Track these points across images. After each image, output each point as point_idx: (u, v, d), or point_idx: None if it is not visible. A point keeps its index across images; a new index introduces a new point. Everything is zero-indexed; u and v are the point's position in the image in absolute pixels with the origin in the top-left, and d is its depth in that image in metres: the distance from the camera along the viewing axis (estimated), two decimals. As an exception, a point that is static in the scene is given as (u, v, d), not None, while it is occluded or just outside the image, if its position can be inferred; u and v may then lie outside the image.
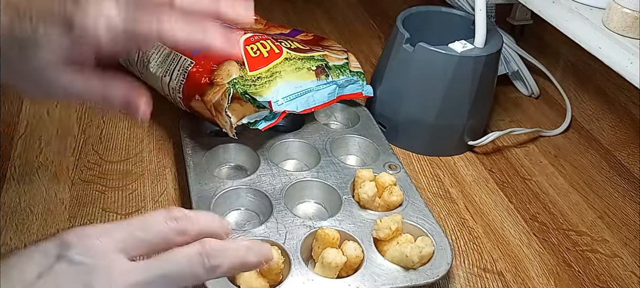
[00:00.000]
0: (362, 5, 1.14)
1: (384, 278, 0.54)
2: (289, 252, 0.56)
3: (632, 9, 0.59)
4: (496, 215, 0.69)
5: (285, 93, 0.68)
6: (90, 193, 0.66)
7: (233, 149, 0.70)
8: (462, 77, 0.72)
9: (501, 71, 0.88)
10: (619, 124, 0.86)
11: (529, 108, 0.89)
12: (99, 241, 0.38)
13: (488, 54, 0.73)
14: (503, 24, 0.95)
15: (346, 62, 0.77)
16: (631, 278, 0.63)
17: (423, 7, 0.81)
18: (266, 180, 0.65)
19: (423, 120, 0.75)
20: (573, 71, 0.94)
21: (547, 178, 0.76)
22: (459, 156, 0.78)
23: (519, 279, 0.61)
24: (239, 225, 0.62)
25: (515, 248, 0.65)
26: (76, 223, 0.62)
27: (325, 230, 0.56)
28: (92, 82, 0.44)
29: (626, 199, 0.73)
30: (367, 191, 0.62)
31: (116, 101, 0.45)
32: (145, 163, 0.71)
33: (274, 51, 0.71)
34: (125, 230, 0.40)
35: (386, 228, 0.58)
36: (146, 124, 0.77)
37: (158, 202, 0.66)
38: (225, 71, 0.67)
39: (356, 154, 0.73)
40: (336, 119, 0.79)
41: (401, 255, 0.55)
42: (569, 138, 0.84)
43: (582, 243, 0.66)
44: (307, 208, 0.65)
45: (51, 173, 0.68)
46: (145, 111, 0.45)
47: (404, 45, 0.74)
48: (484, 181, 0.74)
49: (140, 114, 0.45)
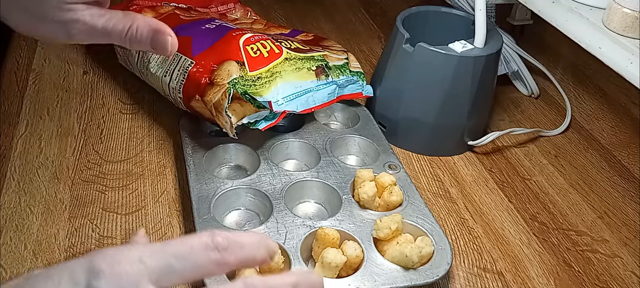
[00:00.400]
0: (362, 5, 1.14)
1: (383, 278, 0.54)
2: (289, 251, 0.56)
3: (632, 9, 0.59)
4: (496, 215, 0.69)
5: (285, 93, 0.68)
6: (90, 193, 0.66)
7: (233, 149, 0.70)
8: (462, 77, 0.72)
9: (501, 71, 0.88)
10: (619, 124, 0.86)
11: (528, 108, 0.89)
12: (131, 268, 0.34)
13: (488, 54, 0.73)
14: (503, 24, 0.95)
15: (346, 62, 0.77)
16: (631, 278, 0.63)
17: (423, 7, 0.81)
18: (266, 180, 0.65)
19: (423, 120, 0.75)
20: (573, 71, 0.94)
21: (547, 178, 0.76)
22: (459, 156, 0.78)
23: (519, 279, 0.61)
24: (239, 225, 0.62)
25: (515, 248, 0.65)
26: (76, 223, 0.62)
27: (325, 230, 0.56)
28: (114, 19, 0.43)
29: (626, 199, 0.73)
30: (367, 191, 0.62)
31: (142, 36, 0.44)
32: (146, 162, 0.71)
33: (274, 51, 0.71)
34: (162, 258, 0.34)
35: (386, 228, 0.58)
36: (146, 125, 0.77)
37: (158, 202, 0.66)
38: (226, 71, 0.67)
39: (356, 154, 0.73)
40: (336, 119, 0.79)
41: (401, 255, 0.55)
42: (569, 138, 0.84)
43: (582, 243, 0.66)
44: (307, 208, 0.65)
45: (51, 173, 0.68)
46: (174, 44, 0.44)
47: (404, 45, 0.74)
48: (484, 181, 0.74)
49: (169, 48, 0.44)
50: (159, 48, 0.45)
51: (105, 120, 0.77)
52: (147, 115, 0.79)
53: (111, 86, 0.84)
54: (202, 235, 0.35)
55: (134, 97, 0.82)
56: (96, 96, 0.82)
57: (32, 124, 0.75)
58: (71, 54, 0.90)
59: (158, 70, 0.73)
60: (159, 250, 0.34)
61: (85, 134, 0.75)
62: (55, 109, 0.78)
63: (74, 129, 0.75)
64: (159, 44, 0.44)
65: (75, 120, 0.77)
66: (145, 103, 0.81)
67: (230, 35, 0.72)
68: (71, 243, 0.60)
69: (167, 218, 0.64)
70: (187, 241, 0.35)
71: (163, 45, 0.44)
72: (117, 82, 0.85)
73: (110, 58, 0.88)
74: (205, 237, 0.35)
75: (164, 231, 0.62)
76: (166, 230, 0.63)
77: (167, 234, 0.62)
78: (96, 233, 0.61)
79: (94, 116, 0.78)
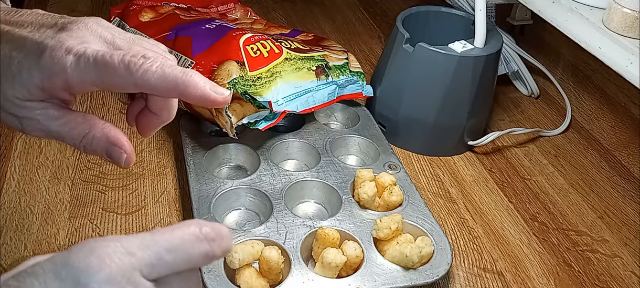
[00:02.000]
0: (362, 5, 1.14)
1: (384, 278, 0.54)
2: (289, 251, 0.56)
3: (632, 9, 0.59)
4: (496, 215, 0.69)
5: (285, 93, 0.68)
6: (90, 193, 0.66)
7: (233, 149, 0.70)
8: (462, 77, 0.72)
9: (501, 71, 0.88)
10: (619, 124, 0.86)
11: (528, 108, 0.89)
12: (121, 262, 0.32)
13: (488, 54, 0.73)
14: (503, 24, 0.95)
15: (346, 62, 0.77)
16: (631, 278, 0.63)
17: (423, 7, 0.81)
18: (266, 180, 0.65)
19: (423, 120, 0.75)
20: (573, 71, 0.94)
21: (547, 178, 0.76)
22: (459, 156, 0.78)
23: (519, 279, 0.61)
24: (239, 225, 0.62)
25: (515, 248, 0.65)
26: (76, 223, 0.62)
27: (325, 230, 0.56)
28: (71, 123, 0.41)
29: (626, 199, 0.73)
30: (367, 191, 0.62)
31: (98, 147, 0.43)
32: (146, 162, 0.71)
33: (274, 51, 0.71)
34: (152, 250, 0.33)
35: (386, 228, 0.58)
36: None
37: (158, 202, 0.66)
38: (226, 71, 0.67)
39: (356, 154, 0.73)
40: (336, 119, 0.79)
41: (401, 255, 0.55)
42: (569, 138, 0.84)
43: (582, 243, 0.66)
44: (307, 208, 0.65)
45: (51, 173, 0.68)
46: (129, 160, 0.43)
47: (404, 45, 0.74)
48: (484, 181, 0.74)
49: (122, 164, 0.43)
50: (113, 160, 0.44)
51: (105, 120, 0.77)
52: (147, 115, 0.79)
53: (111, 86, 0.84)
54: (190, 225, 0.34)
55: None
56: (96, 96, 0.82)
57: (32, 124, 0.75)
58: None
59: (158, 70, 0.73)
60: (149, 241, 0.33)
61: (85, 134, 0.75)
62: (55, 109, 0.78)
63: (74, 129, 0.75)
64: (113, 157, 0.43)
65: (75, 120, 0.77)
66: (145, 103, 0.81)
67: (230, 35, 0.72)
68: (71, 243, 0.60)
69: (167, 218, 0.64)
70: (176, 233, 0.34)
71: (117, 160, 0.43)
72: (117, 82, 0.85)
73: (110, 58, 0.87)
74: (193, 227, 0.34)
75: (164, 231, 0.62)
76: (166, 230, 0.63)
77: (167, 234, 0.62)
78: (96, 233, 0.61)
79: (94, 116, 0.78)
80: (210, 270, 0.53)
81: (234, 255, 0.52)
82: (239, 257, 0.52)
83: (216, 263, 0.53)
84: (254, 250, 0.53)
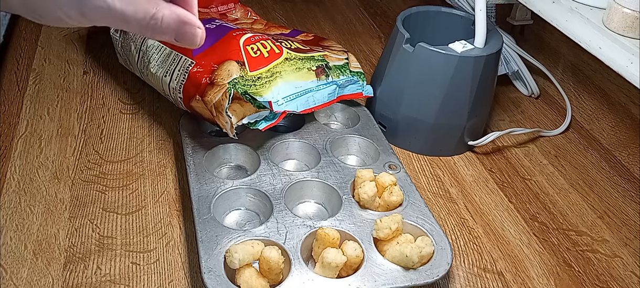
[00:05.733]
0: (362, 5, 1.14)
1: (384, 278, 0.54)
2: (289, 251, 0.56)
3: (632, 9, 0.59)
4: (496, 215, 0.69)
5: (285, 93, 0.68)
6: (90, 193, 0.66)
7: (233, 149, 0.70)
8: (462, 77, 0.72)
9: (501, 71, 0.88)
10: (619, 124, 0.86)
11: (529, 108, 0.89)
12: None
13: (488, 54, 0.73)
14: (503, 24, 0.95)
15: (346, 62, 0.77)
16: (631, 278, 0.63)
17: (423, 7, 0.81)
18: (266, 180, 0.65)
19: (423, 120, 0.75)
20: (573, 71, 0.94)
21: (547, 178, 0.76)
22: (459, 156, 0.78)
23: (519, 279, 0.61)
24: (239, 225, 0.62)
25: (515, 248, 0.65)
26: (76, 223, 0.62)
27: (325, 230, 0.56)
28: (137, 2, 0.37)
29: (626, 199, 0.73)
30: (367, 191, 0.62)
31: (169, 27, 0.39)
32: (146, 162, 0.71)
33: (274, 51, 0.71)
34: None
35: (386, 228, 0.58)
36: (146, 124, 0.77)
37: (158, 202, 0.66)
38: (226, 71, 0.67)
39: (356, 154, 0.73)
40: (336, 119, 0.79)
41: (401, 255, 0.55)
42: (569, 138, 0.84)
43: (582, 243, 0.66)
44: (307, 208, 0.65)
45: (51, 173, 0.68)
46: (203, 37, 0.40)
47: (404, 45, 0.74)
48: (484, 181, 0.74)
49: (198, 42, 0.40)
50: (186, 41, 0.40)
51: (105, 120, 0.78)
52: (147, 115, 0.79)
53: (111, 86, 0.84)
54: None
55: (134, 98, 0.82)
56: (96, 96, 0.82)
57: (32, 124, 0.75)
58: (71, 54, 0.90)
59: (158, 70, 0.73)
60: None
61: (86, 134, 0.75)
62: (56, 109, 0.78)
63: (74, 129, 0.75)
64: (186, 37, 0.40)
65: (75, 120, 0.77)
66: (145, 103, 0.81)
67: (230, 35, 0.72)
68: (71, 243, 0.60)
69: (167, 218, 0.64)
70: None
71: (191, 38, 0.40)
72: (118, 82, 0.85)
73: (111, 58, 0.88)
74: None
75: (164, 232, 0.62)
76: (166, 230, 0.63)
77: (167, 234, 0.62)
78: (96, 233, 0.61)
79: (94, 116, 0.78)
80: (211, 270, 0.53)
81: (234, 255, 0.52)
82: (239, 257, 0.52)
83: (216, 263, 0.53)
84: (254, 250, 0.53)
